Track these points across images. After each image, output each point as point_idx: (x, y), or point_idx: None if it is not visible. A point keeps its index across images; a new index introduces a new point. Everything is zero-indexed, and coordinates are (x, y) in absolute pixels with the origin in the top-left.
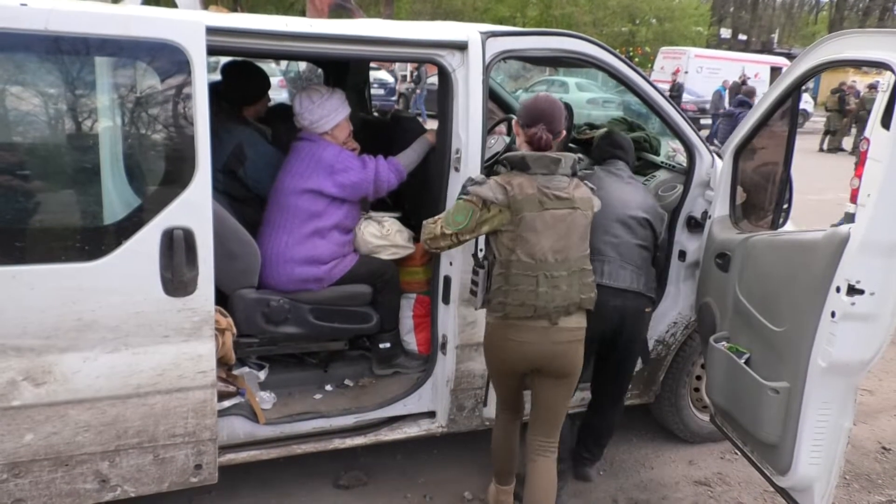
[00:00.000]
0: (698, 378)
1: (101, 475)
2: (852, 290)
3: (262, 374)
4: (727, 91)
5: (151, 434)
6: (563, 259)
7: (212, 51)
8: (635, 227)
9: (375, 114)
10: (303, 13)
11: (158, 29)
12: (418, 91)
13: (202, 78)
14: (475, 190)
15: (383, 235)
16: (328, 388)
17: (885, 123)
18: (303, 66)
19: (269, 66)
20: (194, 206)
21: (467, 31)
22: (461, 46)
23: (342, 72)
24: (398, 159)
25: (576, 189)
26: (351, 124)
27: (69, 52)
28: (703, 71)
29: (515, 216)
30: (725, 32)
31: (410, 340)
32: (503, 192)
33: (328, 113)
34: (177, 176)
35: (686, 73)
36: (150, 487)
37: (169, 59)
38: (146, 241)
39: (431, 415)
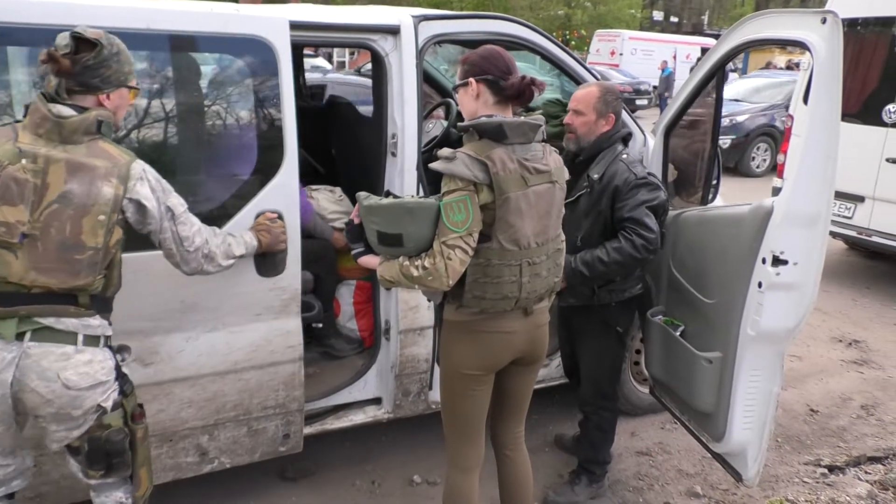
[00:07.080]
0: (638, 352)
1: (202, 448)
2: (777, 261)
3: None
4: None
5: (246, 407)
6: (543, 242)
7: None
8: None
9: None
10: None
11: (251, 25)
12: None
13: (287, 70)
14: (448, 168)
15: (337, 200)
16: None
17: (806, 100)
18: None
19: None
20: (284, 190)
21: (399, 16)
22: (393, 31)
23: None
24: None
25: (550, 157)
26: None
27: (166, 50)
28: (638, 53)
29: (500, 197)
30: (658, 15)
31: (353, 327)
32: (483, 168)
33: None
34: (268, 162)
35: (621, 55)
36: (244, 458)
37: (259, 53)
38: (242, 224)
39: (377, 401)
